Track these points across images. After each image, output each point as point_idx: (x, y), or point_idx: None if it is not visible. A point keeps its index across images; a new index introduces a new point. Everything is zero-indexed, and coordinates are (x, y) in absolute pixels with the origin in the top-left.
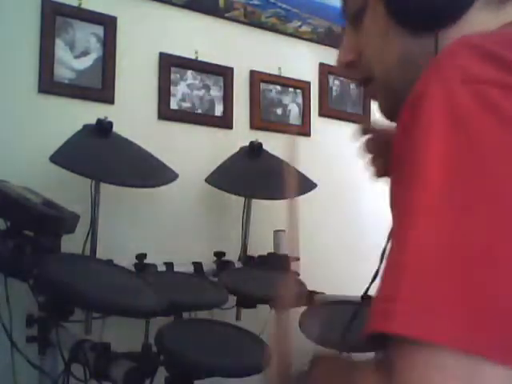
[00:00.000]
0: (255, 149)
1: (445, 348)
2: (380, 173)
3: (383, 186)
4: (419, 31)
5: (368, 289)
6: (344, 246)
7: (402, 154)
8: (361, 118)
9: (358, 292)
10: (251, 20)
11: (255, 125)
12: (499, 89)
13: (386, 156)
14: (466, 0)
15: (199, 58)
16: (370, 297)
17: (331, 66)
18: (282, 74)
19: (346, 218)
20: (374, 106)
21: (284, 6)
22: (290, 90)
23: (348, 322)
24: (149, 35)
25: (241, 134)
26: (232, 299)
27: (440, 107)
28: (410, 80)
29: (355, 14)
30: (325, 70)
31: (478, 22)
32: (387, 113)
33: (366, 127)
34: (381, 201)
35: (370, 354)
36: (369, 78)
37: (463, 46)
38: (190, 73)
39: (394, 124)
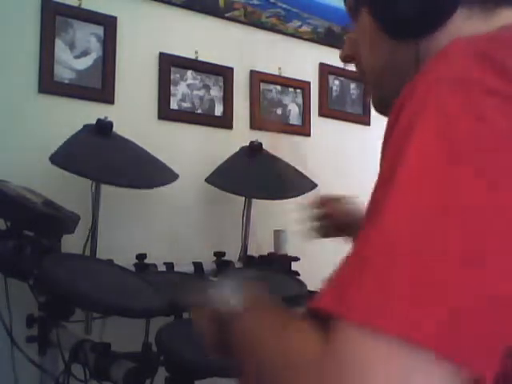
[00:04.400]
0: (255, 149)
1: (394, 338)
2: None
3: None
4: (402, 39)
5: None
6: (344, 246)
7: (385, 156)
8: (361, 118)
9: None
10: (251, 20)
11: (255, 125)
12: (493, 98)
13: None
14: (445, 10)
15: (199, 58)
16: None
17: (331, 66)
18: (282, 74)
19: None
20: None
21: (284, 6)
22: (290, 89)
23: None
24: (149, 35)
25: (241, 134)
26: None
27: (425, 113)
28: (398, 82)
29: (353, 10)
30: (325, 70)
31: (465, 30)
32: (378, 109)
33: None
34: None
35: None
36: (362, 72)
37: (456, 50)
38: (189, 73)
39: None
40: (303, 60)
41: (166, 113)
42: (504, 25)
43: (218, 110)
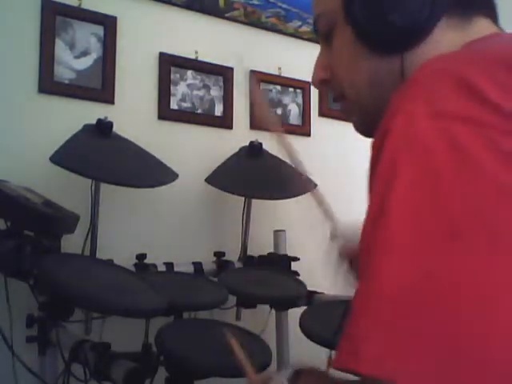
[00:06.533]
0: (255, 149)
1: None
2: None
3: None
4: (385, 53)
5: None
6: None
7: (370, 189)
8: None
9: None
10: (251, 20)
11: (255, 125)
12: (469, 126)
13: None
14: (429, 21)
15: (199, 58)
16: None
17: None
18: (282, 74)
19: (345, 218)
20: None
21: (284, 6)
22: (290, 89)
23: (339, 322)
24: (149, 35)
25: (241, 134)
26: (232, 299)
27: (402, 147)
28: (381, 99)
29: (326, 33)
30: None
31: (445, 41)
32: (361, 130)
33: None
34: None
35: None
36: (341, 96)
37: (432, 73)
38: (189, 73)
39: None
40: (303, 60)
41: (165, 113)
42: (478, 37)
43: (218, 110)
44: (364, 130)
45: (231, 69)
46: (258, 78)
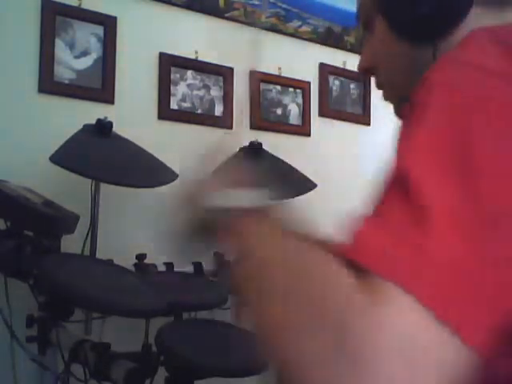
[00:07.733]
0: (255, 149)
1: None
2: None
3: None
4: (416, 42)
5: None
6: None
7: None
8: (361, 118)
9: None
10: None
11: (255, 125)
12: (501, 81)
13: None
14: (459, 11)
15: (199, 58)
16: None
17: (331, 66)
18: (282, 74)
19: (345, 218)
20: (373, 106)
21: (284, 6)
22: (290, 89)
23: None
24: (149, 35)
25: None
26: (232, 299)
27: (447, 87)
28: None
29: (367, 23)
30: (325, 70)
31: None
32: (399, 115)
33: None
34: None
35: None
36: (381, 84)
37: (477, 34)
38: (189, 73)
39: None
40: (303, 60)
41: (165, 113)
42: None
43: (218, 110)
44: (400, 115)
45: (231, 69)
46: (258, 77)
